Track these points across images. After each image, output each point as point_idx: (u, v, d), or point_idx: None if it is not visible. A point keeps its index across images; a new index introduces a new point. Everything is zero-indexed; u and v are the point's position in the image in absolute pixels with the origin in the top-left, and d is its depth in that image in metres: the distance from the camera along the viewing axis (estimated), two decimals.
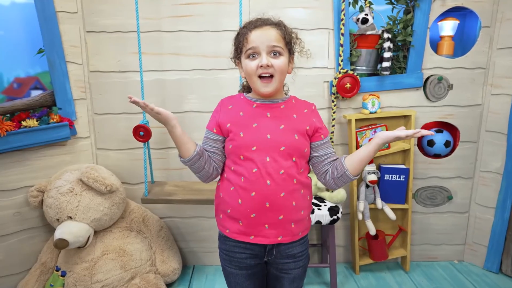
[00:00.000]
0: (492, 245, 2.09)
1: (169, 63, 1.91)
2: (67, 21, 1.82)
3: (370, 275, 2.09)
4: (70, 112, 1.87)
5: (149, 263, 1.85)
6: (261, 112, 1.07)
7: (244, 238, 1.08)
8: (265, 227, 1.05)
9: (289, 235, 1.08)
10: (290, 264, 1.12)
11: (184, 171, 2.04)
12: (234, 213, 1.07)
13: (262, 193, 1.03)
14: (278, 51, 1.03)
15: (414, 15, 1.88)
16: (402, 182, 1.99)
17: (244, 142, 1.04)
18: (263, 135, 1.03)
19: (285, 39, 1.04)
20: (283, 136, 1.04)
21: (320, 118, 1.12)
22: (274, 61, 1.02)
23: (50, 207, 1.70)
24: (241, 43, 1.05)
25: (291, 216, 1.06)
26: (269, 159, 1.02)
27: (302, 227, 1.11)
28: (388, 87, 1.97)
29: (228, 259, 1.14)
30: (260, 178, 1.02)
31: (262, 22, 1.04)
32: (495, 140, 2.01)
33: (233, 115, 1.08)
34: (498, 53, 1.94)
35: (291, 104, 1.10)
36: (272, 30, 1.03)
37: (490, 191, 2.06)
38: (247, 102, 1.10)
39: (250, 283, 1.15)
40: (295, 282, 1.16)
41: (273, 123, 1.05)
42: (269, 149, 1.03)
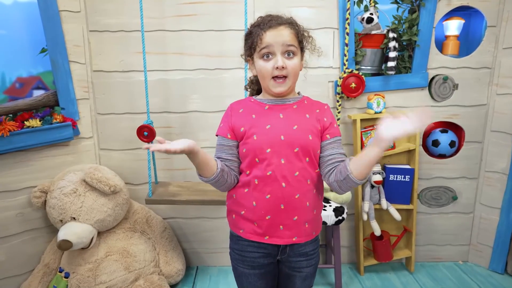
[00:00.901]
0: (497, 246, 2.08)
1: (172, 63, 1.90)
2: (70, 20, 1.80)
3: (375, 275, 2.08)
4: (73, 112, 1.86)
5: (153, 264, 1.83)
6: (274, 113, 1.05)
7: (259, 239, 1.08)
8: (280, 228, 1.06)
9: (303, 235, 1.08)
10: (302, 262, 1.12)
11: (188, 171, 2.03)
12: (248, 214, 1.07)
13: (277, 195, 1.03)
14: (292, 51, 1.02)
15: (420, 14, 1.87)
16: (407, 182, 1.97)
17: (259, 144, 1.03)
18: (277, 137, 1.02)
19: (298, 38, 1.04)
20: (297, 136, 1.03)
21: (332, 118, 1.09)
22: (288, 62, 1.02)
23: (53, 208, 1.68)
24: (254, 43, 1.03)
25: (305, 216, 1.07)
26: (283, 161, 1.02)
27: (315, 226, 1.12)
28: (393, 87, 1.96)
29: (241, 259, 1.13)
30: (275, 181, 1.02)
31: (276, 21, 1.02)
32: (501, 140, 2.00)
33: (246, 118, 1.07)
34: (504, 53, 1.93)
35: (304, 104, 1.09)
36: (286, 29, 1.02)
37: (495, 192, 2.05)
38: (259, 104, 1.08)
39: (262, 282, 1.14)
40: (306, 280, 1.15)
41: (286, 123, 1.04)
42: (284, 150, 1.02)
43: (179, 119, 1.97)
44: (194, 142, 0.98)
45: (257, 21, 1.06)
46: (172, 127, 1.97)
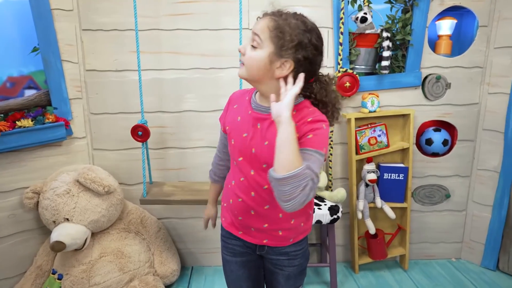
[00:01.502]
0: (489, 243, 2.10)
1: (167, 62, 1.89)
2: (62, 19, 1.78)
3: (370, 274, 2.09)
4: (65, 112, 1.83)
5: (147, 264, 1.82)
6: (253, 122, 0.98)
7: (234, 231, 1.11)
8: (251, 229, 1.07)
9: (275, 240, 1.06)
10: (284, 261, 1.10)
11: (182, 171, 2.02)
12: (227, 208, 1.12)
13: (247, 202, 1.03)
14: (256, 41, 0.89)
15: (413, 14, 1.89)
16: (401, 180, 1.99)
17: (233, 150, 1.04)
18: (248, 149, 0.99)
19: (272, 32, 0.87)
20: (266, 154, 0.94)
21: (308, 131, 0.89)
22: (247, 51, 0.91)
23: (46, 209, 1.66)
24: None
25: (277, 225, 1.04)
26: (253, 173, 1.00)
27: (293, 234, 1.07)
28: (387, 86, 1.97)
29: (224, 245, 1.16)
30: (247, 188, 1.02)
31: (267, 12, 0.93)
32: (492, 139, 2.02)
33: (233, 118, 1.05)
34: (495, 52, 1.95)
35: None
36: (265, 19, 0.90)
37: (487, 189, 2.08)
38: (247, 106, 1.02)
39: (244, 271, 1.14)
40: (290, 280, 1.12)
41: (259, 137, 0.97)
42: (254, 163, 0.99)
43: (174, 119, 1.96)
44: (211, 211, 1.36)
45: None
46: (166, 127, 1.96)
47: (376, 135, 1.96)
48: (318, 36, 0.91)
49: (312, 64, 0.91)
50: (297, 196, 0.80)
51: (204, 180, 2.01)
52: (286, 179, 0.79)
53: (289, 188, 0.80)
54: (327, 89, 0.96)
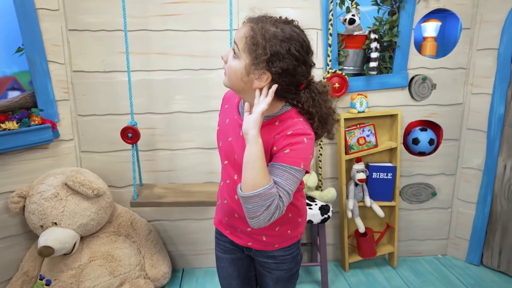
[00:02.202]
0: (473, 239, 2.17)
1: (156, 63, 1.87)
2: (48, 19, 1.74)
3: (359, 272, 2.12)
4: (52, 114, 1.79)
5: (138, 268, 1.80)
6: (237, 128, 0.95)
7: (222, 230, 1.13)
8: (237, 230, 1.08)
9: (260, 245, 1.06)
10: (271, 264, 1.09)
11: (173, 173, 2.00)
12: (218, 207, 1.14)
13: (231, 204, 1.04)
14: (235, 51, 0.87)
15: (399, 16, 1.93)
16: (389, 180, 2.03)
17: (221, 152, 1.05)
18: (232, 154, 0.98)
19: (246, 43, 0.84)
20: None
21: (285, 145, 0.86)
22: (229, 60, 0.89)
23: (33, 213, 1.62)
24: None
25: (260, 231, 1.02)
26: (236, 177, 0.98)
27: (278, 240, 1.05)
28: (375, 86, 2.00)
29: (217, 242, 1.19)
30: (231, 191, 1.02)
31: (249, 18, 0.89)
32: (476, 138, 2.08)
33: (224, 119, 1.04)
34: (478, 54, 2.01)
35: (269, 127, 0.90)
36: (245, 26, 0.86)
37: (472, 187, 2.14)
38: (235, 109, 0.99)
39: (234, 269, 1.15)
40: (279, 284, 1.11)
41: (241, 144, 0.92)
42: (236, 167, 0.97)
43: (163, 120, 1.94)
44: None
45: None
46: (156, 128, 1.94)
47: (365, 135, 1.99)
48: (300, 44, 0.84)
49: (294, 75, 0.85)
50: (261, 214, 0.80)
51: (195, 181, 2.00)
52: (250, 198, 0.80)
53: (253, 206, 0.80)
54: (316, 99, 0.90)
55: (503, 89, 1.95)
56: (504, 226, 2.05)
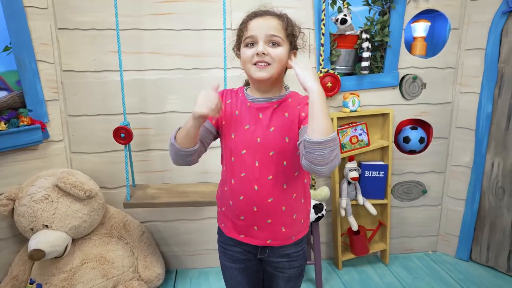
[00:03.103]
0: (463, 235, 2.21)
1: (148, 62, 1.85)
2: (36, 17, 1.70)
3: (353, 269, 2.14)
4: (41, 114, 1.76)
5: (131, 269, 1.78)
6: (254, 113, 1.02)
7: (236, 236, 1.10)
8: (254, 228, 1.06)
9: (279, 238, 1.07)
10: (284, 263, 1.11)
11: (166, 173, 1.99)
12: (227, 212, 1.10)
13: (249, 197, 1.02)
14: (277, 41, 0.97)
15: (390, 16, 1.95)
16: (381, 178, 2.05)
17: (235, 144, 1.02)
18: (253, 139, 1.00)
19: (286, 31, 0.98)
20: (273, 140, 0.99)
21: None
22: (271, 50, 0.96)
23: (23, 216, 1.58)
24: (241, 32, 1.01)
25: (281, 220, 1.05)
26: (258, 164, 1.00)
27: (295, 231, 1.09)
28: (367, 86, 2.03)
29: (223, 252, 1.15)
30: (248, 183, 1.01)
31: (264, 12, 1.00)
32: (465, 136, 2.13)
33: (230, 112, 1.04)
34: (466, 54, 2.05)
35: (287, 103, 1.02)
36: (273, 19, 0.98)
37: (461, 184, 2.18)
38: (243, 100, 1.05)
39: (244, 277, 1.15)
40: (290, 282, 1.14)
41: (264, 125, 1.00)
42: (259, 153, 1.00)
43: (156, 120, 1.92)
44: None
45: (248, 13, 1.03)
46: (149, 128, 1.92)
47: (357, 134, 2.01)
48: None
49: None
50: (334, 158, 0.85)
51: (189, 181, 1.99)
52: (326, 143, 0.83)
53: (328, 151, 0.83)
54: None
55: (490, 88, 2.00)
56: (492, 222, 2.10)
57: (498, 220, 2.07)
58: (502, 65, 1.95)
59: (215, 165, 2.04)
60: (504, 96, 1.97)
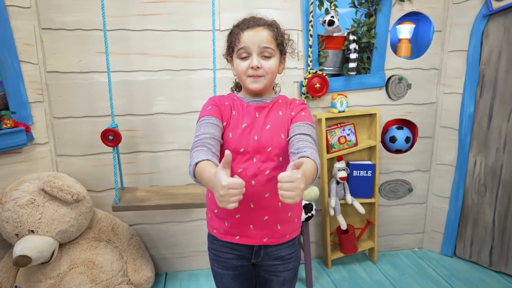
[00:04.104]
0: (447, 232, 2.27)
1: (136, 63, 1.83)
2: (19, 17, 1.66)
3: (342, 268, 2.17)
4: (25, 116, 1.71)
5: (121, 273, 1.75)
6: (251, 112, 1.07)
7: (230, 239, 1.09)
8: (250, 227, 1.06)
9: (275, 236, 1.08)
10: (279, 266, 1.12)
11: (155, 175, 1.97)
12: (220, 213, 1.09)
13: (246, 193, 0.99)
14: (269, 52, 1.03)
15: (376, 18, 1.99)
16: (369, 177, 2.09)
17: (233, 143, 1.04)
18: (251, 136, 1.04)
19: (276, 40, 1.04)
20: (270, 136, 1.04)
21: (301, 109, 1.08)
22: (264, 63, 1.03)
23: (7, 222, 1.54)
24: (233, 42, 1.05)
25: (277, 217, 1.07)
26: (255, 160, 1.03)
27: (290, 229, 1.11)
28: (354, 86, 2.05)
29: (216, 259, 1.14)
30: (245, 179, 1.00)
31: (254, 22, 1.03)
32: (448, 135, 2.19)
33: (229, 112, 1.08)
34: (449, 55, 2.11)
35: (278, 103, 1.10)
36: (264, 31, 1.03)
37: (445, 182, 2.24)
38: (239, 102, 1.10)
39: (237, 284, 1.14)
40: (285, 285, 1.14)
41: (260, 123, 1.05)
42: (256, 150, 1.03)
43: (144, 122, 1.90)
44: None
45: (238, 21, 1.07)
46: (136, 130, 1.90)
47: (346, 134, 2.04)
48: None
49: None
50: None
51: (179, 183, 1.97)
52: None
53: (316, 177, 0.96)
54: None
55: (472, 89, 2.06)
56: (475, 219, 2.16)
57: (481, 216, 2.14)
58: (483, 66, 2.01)
59: None
60: (485, 96, 2.03)
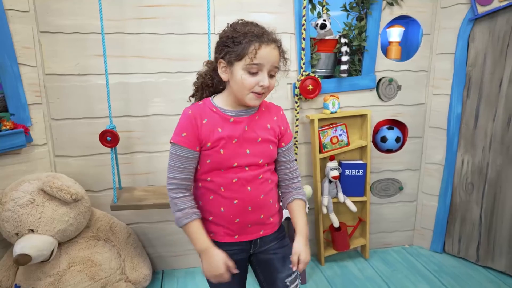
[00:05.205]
0: (436, 229, 2.34)
1: (132, 66, 1.87)
2: (18, 20, 1.69)
3: (335, 265, 2.23)
4: (24, 118, 1.74)
5: (119, 271, 1.79)
6: (239, 126, 1.07)
7: (229, 239, 1.14)
8: (248, 226, 1.13)
9: (269, 228, 1.17)
10: (275, 245, 1.19)
11: (151, 175, 2.01)
12: (217, 219, 1.12)
13: (244, 199, 1.09)
14: (275, 72, 1.05)
15: (367, 22, 2.05)
16: (360, 176, 2.15)
17: (226, 158, 1.06)
18: (243, 151, 1.07)
19: (281, 58, 1.07)
20: (261, 149, 1.09)
21: (286, 123, 1.17)
22: (270, 81, 1.04)
23: (7, 221, 1.57)
24: (244, 52, 0.99)
25: (270, 212, 1.16)
26: (248, 169, 1.09)
27: (278, 218, 1.21)
28: (346, 88, 2.11)
29: None
30: (241, 187, 1.08)
31: (268, 38, 1.01)
32: (437, 135, 2.25)
33: (211, 131, 1.05)
34: (437, 58, 2.18)
35: (262, 112, 1.12)
36: (276, 49, 1.03)
37: (434, 181, 2.31)
38: (222, 116, 1.07)
39: (236, 277, 1.16)
40: (286, 261, 1.17)
41: (251, 136, 1.08)
42: (249, 162, 1.08)
43: (141, 123, 1.94)
44: (219, 253, 1.07)
45: (244, 27, 1.02)
46: (133, 131, 1.94)
47: (338, 135, 2.09)
48: None
49: None
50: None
51: None
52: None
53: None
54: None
55: (460, 90, 2.12)
56: (462, 216, 2.24)
57: (468, 213, 2.21)
58: (469, 68, 2.08)
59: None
60: (472, 98, 2.10)
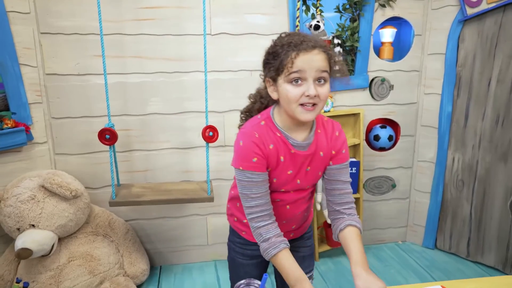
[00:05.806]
0: (428, 225, 2.39)
1: (131, 66, 1.92)
2: (19, 22, 1.74)
3: (329, 260, 2.28)
4: (25, 117, 1.79)
5: (117, 266, 1.84)
6: (299, 160, 1.03)
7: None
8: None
9: (299, 232, 1.20)
10: (299, 243, 1.20)
11: (149, 172, 2.06)
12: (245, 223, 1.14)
13: (281, 216, 1.09)
14: (324, 77, 0.94)
15: (360, 23, 2.10)
16: (354, 174, 2.20)
17: (276, 186, 1.06)
18: (294, 181, 1.05)
19: (330, 64, 0.96)
20: (310, 178, 1.07)
21: (340, 145, 1.07)
22: (320, 90, 0.93)
23: (9, 217, 1.62)
24: (283, 65, 0.93)
25: (302, 222, 1.18)
26: (292, 192, 1.08)
27: (308, 222, 1.23)
28: (339, 87, 2.15)
29: (242, 252, 1.19)
30: (282, 207, 1.09)
31: (308, 44, 0.92)
32: (429, 134, 2.31)
33: (275, 158, 1.01)
34: (429, 58, 2.23)
35: (318, 138, 1.04)
36: (320, 54, 0.93)
37: (426, 178, 2.36)
38: (286, 144, 1.01)
39: (258, 270, 1.21)
40: (305, 262, 1.19)
41: (304, 169, 1.04)
42: (296, 188, 1.07)
43: (139, 122, 1.99)
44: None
45: (283, 39, 0.96)
46: (131, 130, 1.99)
47: None
48: None
49: None
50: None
51: (171, 180, 2.07)
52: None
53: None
54: None
55: (450, 90, 2.18)
56: (453, 212, 2.29)
57: (459, 210, 2.26)
58: (459, 68, 2.13)
59: (196, 164, 2.14)
60: (462, 97, 2.15)
